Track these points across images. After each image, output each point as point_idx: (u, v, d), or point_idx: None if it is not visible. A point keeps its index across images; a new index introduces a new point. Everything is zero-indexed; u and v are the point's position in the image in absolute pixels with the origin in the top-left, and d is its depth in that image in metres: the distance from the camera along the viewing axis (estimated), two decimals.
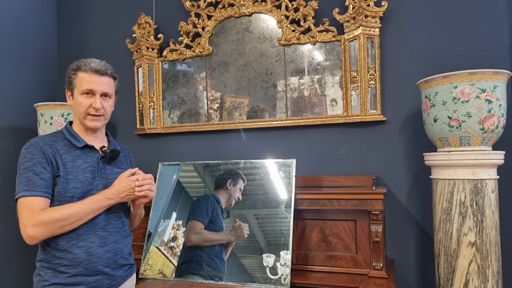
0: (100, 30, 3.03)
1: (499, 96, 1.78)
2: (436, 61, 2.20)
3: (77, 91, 1.46)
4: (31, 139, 1.45)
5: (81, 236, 1.39)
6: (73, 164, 1.42)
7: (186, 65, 2.74)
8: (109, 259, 1.44)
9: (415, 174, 2.25)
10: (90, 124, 1.47)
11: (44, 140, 1.43)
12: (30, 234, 1.32)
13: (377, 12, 2.24)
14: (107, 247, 1.44)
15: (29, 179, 1.35)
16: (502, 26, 2.13)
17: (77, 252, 1.38)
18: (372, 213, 1.92)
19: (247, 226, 2.05)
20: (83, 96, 1.45)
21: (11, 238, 2.69)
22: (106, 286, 1.43)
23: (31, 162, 1.37)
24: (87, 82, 1.44)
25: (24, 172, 1.37)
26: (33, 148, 1.40)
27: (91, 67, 1.45)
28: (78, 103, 1.46)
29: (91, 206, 1.38)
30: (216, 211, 2.13)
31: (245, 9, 2.55)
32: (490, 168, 1.82)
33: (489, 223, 1.79)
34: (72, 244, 1.38)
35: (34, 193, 1.34)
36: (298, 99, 2.46)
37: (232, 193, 2.15)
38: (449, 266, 1.84)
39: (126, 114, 2.87)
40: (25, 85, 2.83)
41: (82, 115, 1.46)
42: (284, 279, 1.89)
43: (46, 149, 1.40)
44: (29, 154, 1.39)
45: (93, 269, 1.40)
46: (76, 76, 1.45)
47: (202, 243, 2.09)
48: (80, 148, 1.46)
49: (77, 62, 1.47)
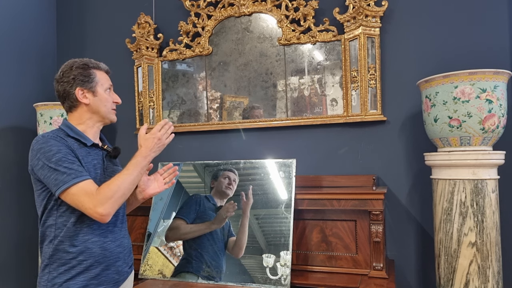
0: (100, 30, 3.03)
1: (500, 96, 1.77)
2: (436, 61, 2.20)
3: (101, 88, 1.48)
4: (41, 134, 1.44)
5: (96, 231, 1.40)
6: (87, 159, 1.43)
7: (186, 65, 2.73)
8: (119, 254, 1.47)
9: (416, 174, 2.25)
10: (114, 117, 1.54)
11: (55, 135, 1.42)
12: (103, 213, 1.31)
13: (378, 12, 2.24)
14: (118, 242, 1.47)
15: (70, 168, 1.33)
16: (502, 26, 2.12)
17: (92, 247, 1.39)
18: (372, 213, 1.92)
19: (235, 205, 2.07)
20: (107, 92, 1.50)
21: (11, 238, 2.68)
22: (114, 281, 1.45)
23: (61, 153, 1.35)
24: (106, 78, 1.52)
25: (59, 164, 1.33)
26: (54, 140, 1.38)
27: (103, 66, 1.52)
28: (105, 99, 1.48)
29: (136, 168, 1.39)
30: (203, 208, 2.14)
31: (245, 9, 2.54)
32: (491, 168, 1.82)
33: (490, 223, 1.79)
34: (87, 238, 1.38)
35: (82, 178, 1.33)
36: (298, 99, 2.45)
37: (218, 185, 2.17)
38: (449, 266, 1.84)
39: (126, 114, 2.86)
40: (25, 85, 2.83)
41: (109, 110, 1.51)
42: (284, 280, 1.89)
43: (64, 142, 1.40)
44: (54, 147, 1.35)
45: (105, 263, 1.41)
46: (96, 74, 1.48)
47: (181, 237, 2.12)
48: (88, 146, 1.47)
49: (88, 61, 1.49)
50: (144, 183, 1.57)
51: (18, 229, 2.72)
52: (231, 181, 2.15)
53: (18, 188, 2.65)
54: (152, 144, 1.44)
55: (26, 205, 2.73)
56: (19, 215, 2.71)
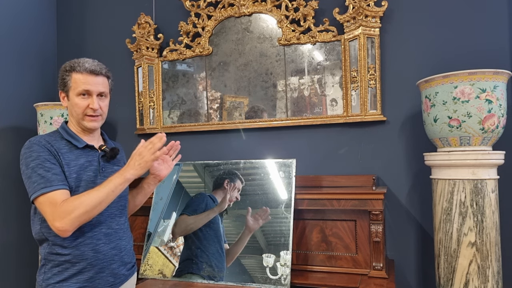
0: (100, 30, 3.03)
1: (499, 96, 1.78)
2: (436, 61, 2.20)
3: (72, 93, 1.44)
4: (31, 138, 1.44)
5: (87, 234, 1.39)
6: (76, 163, 1.42)
7: (186, 65, 2.74)
8: (114, 256, 1.45)
9: (415, 174, 2.25)
10: (89, 125, 1.46)
11: (45, 139, 1.42)
12: (59, 228, 1.29)
13: (377, 12, 2.24)
14: (113, 244, 1.45)
15: (42, 177, 1.32)
16: (502, 26, 2.12)
17: (84, 249, 1.38)
18: (372, 213, 1.92)
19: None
20: (80, 97, 1.44)
21: (11, 238, 2.69)
22: (110, 284, 1.44)
23: (39, 159, 1.35)
24: (82, 83, 1.42)
25: (34, 171, 1.33)
26: (37, 146, 1.38)
27: (85, 67, 1.43)
28: (74, 105, 1.44)
29: (110, 187, 1.34)
30: (209, 208, 2.13)
31: (245, 9, 2.55)
32: (490, 168, 1.82)
33: (489, 223, 1.79)
34: (78, 241, 1.38)
35: (51, 188, 1.31)
36: (298, 99, 2.45)
37: (230, 193, 2.15)
38: (449, 266, 1.84)
39: (126, 114, 2.87)
40: (25, 85, 2.83)
41: (80, 116, 1.45)
42: (284, 279, 1.89)
43: (49, 147, 1.39)
44: (34, 153, 1.36)
45: (99, 266, 1.40)
46: (71, 77, 1.43)
47: (187, 230, 2.11)
48: (80, 148, 1.46)
49: (69, 63, 1.45)
50: (155, 169, 1.57)
51: (18, 229, 2.72)
52: (238, 195, 2.13)
53: (18, 188, 2.65)
54: (133, 161, 1.40)
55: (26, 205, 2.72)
56: (19, 215, 2.72)
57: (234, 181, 2.16)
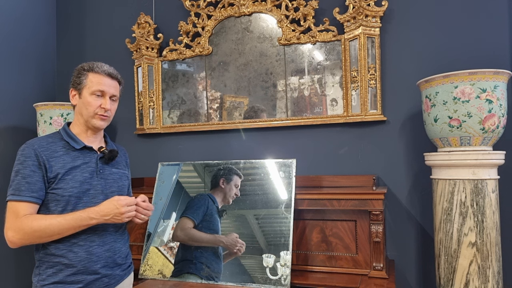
0: (100, 30, 3.03)
1: (500, 96, 1.77)
2: (436, 61, 2.20)
3: (87, 91, 1.48)
4: (29, 140, 1.46)
5: (81, 235, 1.40)
6: (72, 164, 1.43)
7: (185, 65, 2.73)
8: (108, 258, 1.46)
9: (416, 174, 2.25)
10: (98, 123, 1.50)
11: (41, 142, 1.44)
12: (10, 239, 1.35)
13: (378, 12, 2.23)
14: (107, 246, 1.46)
15: (17, 183, 1.37)
16: (502, 26, 2.12)
17: (78, 251, 1.39)
18: (373, 213, 1.92)
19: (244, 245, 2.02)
20: (93, 96, 1.48)
21: None
22: (104, 284, 1.45)
23: (22, 165, 1.39)
24: (99, 83, 1.48)
25: (14, 176, 1.40)
26: (27, 150, 1.41)
27: (104, 69, 1.50)
28: (87, 103, 1.48)
29: (71, 222, 1.36)
30: (210, 210, 2.12)
31: (245, 9, 2.54)
32: (491, 168, 1.82)
33: (490, 223, 1.79)
34: (72, 243, 1.39)
35: (19, 197, 1.35)
36: (298, 99, 2.45)
37: (227, 191, 2.14)
38: (449, 266, 1.84)
39: (126, 114, 2.86)
40: (24, 85, 2.83)
41: (91, 115, 1.48)
42: (284, 280, 1.89)
43: (41, 151, 1.41)
44: (22, 157, 1.41)
45: (92, 268, 1.41)
46: (87, 76, 1.48)
47: (188, 242, 2.09)
48: (78, 149, 1.47)
49: (88, 64, 1.51)
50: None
51: None
52: (237, 191, 2.14)
53: None
54: (108, 211, 1.39)
55: None
56: None
57: (231, 178, 2.16)
